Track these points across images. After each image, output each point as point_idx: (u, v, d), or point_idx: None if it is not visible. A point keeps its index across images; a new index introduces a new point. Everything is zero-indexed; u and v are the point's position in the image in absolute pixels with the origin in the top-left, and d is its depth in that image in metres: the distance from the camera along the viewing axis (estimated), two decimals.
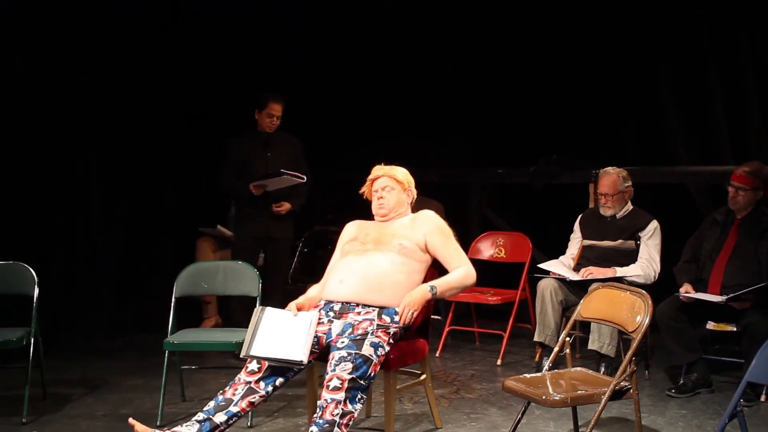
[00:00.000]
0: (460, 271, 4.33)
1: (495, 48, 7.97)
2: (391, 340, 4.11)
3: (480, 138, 8.13)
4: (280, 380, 4.08)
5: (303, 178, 5.98)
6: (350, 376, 3.83)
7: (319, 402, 3.83)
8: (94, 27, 6.90)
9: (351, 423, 3.83)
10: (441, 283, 4.27)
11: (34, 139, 6.69)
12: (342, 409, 3.78)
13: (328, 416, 3.76)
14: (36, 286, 5.00)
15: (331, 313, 4.20)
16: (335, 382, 3.82)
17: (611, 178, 5.78)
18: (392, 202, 4.50)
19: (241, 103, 6.63)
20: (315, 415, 3.81)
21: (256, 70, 7.74)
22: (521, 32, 7.82)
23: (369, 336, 4.00)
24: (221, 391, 4.06)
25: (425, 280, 4.36)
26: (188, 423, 3.98)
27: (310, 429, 3.77)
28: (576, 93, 7.65)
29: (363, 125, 8.19)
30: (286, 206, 6.16)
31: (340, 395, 3.80)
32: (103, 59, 6.95)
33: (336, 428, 3.75)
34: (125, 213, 7.31)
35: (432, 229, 4.40)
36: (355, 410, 3.84)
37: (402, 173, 4.56)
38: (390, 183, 4.50)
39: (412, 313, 4.16)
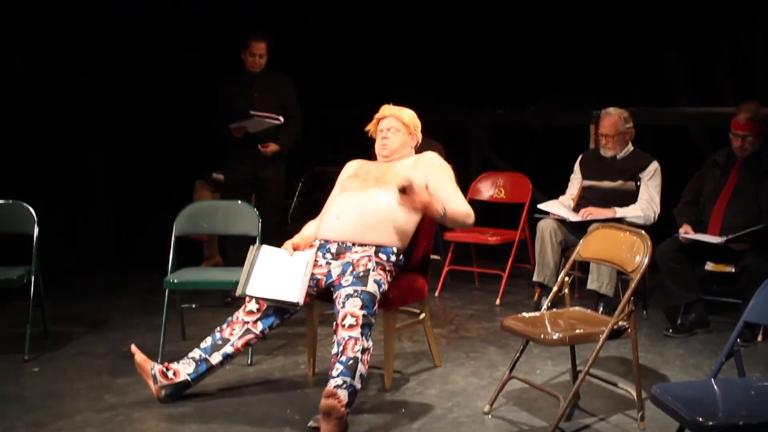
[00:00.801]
0: (464, 208, 4.28)
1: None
2: (388, 278, 4.14)
3: (480, 79, 8.06)
4: (276, 321, 4.13)
5: (279, 120, 5.89)
6: (362, 312, 3.85)
7: (336, 339, 3.83)
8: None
9: (369, 359, 3.84)
10: (449, 209, 4.20)
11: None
12: (362, 345, 3.80)
13: (350, 353, 3.76)
14: (36, 225, 5.00)
15: (329, 255, 4.20)
16: (350, 320, 3.84)
17: (612, 118, 5.73)
18: (396, 144, 4.48)
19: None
20: (335, 352, 3.79)
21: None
22: None
23: (371, 272, 4.02)
24: (219, 329, 4.10)
25: (423, 223, 4.37)
26: (184, 360, 4.05)
27: (335, 366, 3.74)
28: (577, 34, 7.56)
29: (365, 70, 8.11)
30: (273, 147, 6.09)
31: (357, 332, 3.81)
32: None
33: (360, 364, 3.76)
34: (125, 154, 7.31)
35: (433, 170, 4.39)
36: (370, 346, 3.86)
37: (409, 116, 4.53)
38: (395, 124, 4.49)
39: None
